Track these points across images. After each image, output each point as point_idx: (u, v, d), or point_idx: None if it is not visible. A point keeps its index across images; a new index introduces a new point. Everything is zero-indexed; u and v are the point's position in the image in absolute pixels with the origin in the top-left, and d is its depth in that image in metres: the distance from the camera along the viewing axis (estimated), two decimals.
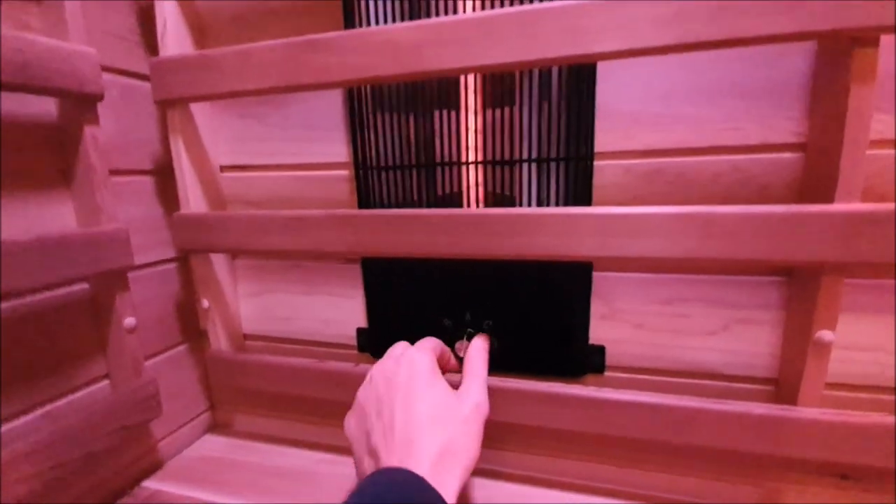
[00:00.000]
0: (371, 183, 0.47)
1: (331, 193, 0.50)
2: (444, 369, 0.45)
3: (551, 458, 0.49)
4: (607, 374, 0.46)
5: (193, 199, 0.51)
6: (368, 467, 0.33)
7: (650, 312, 0.43)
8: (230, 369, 0.54)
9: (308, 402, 0.53)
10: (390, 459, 0.31)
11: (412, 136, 0.45)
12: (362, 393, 0.38)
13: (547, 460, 0.49)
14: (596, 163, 0.41)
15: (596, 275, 0.44)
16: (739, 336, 0.41)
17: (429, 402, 0.34)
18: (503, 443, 0.50)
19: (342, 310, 0.53)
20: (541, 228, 0.38)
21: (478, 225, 0.40)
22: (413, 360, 0.37)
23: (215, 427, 0.62)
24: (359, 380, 0.40)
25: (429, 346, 0.39)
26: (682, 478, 0.45)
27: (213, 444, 0.59)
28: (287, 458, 0.55)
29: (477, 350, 0.42)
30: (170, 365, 0.56)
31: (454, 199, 0.45)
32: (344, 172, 0.49)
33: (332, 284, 0.53)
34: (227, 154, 0.53)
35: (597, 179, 0.41)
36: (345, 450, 0.42)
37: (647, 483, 0.46)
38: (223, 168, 0.54)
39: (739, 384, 0.42)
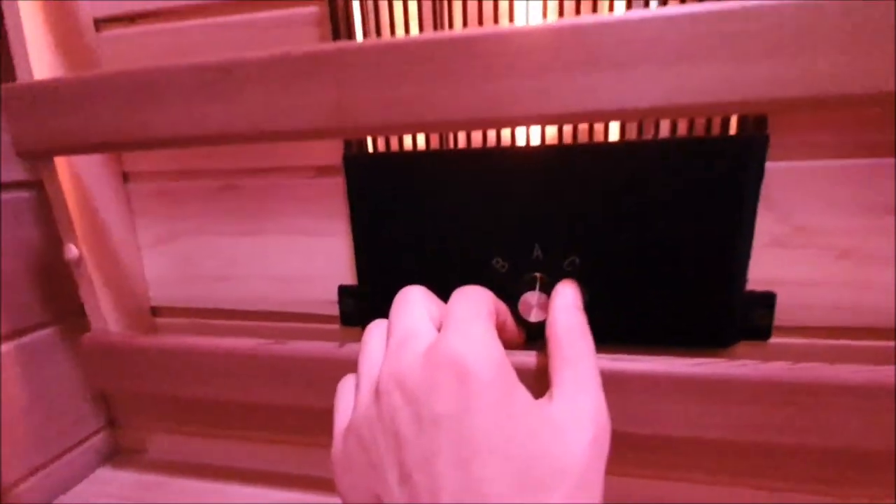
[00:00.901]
0: (359, 10, 0.26)
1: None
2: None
3: (674, 483, 0.30)
4: (773, 339, 0.27)
5: (40, 69, 0.29)
6: None
7: (865, 229, 0.25)
8: (130, 364, 0.32)
9: (261, 410, 0.35)
10: None
11: None
12: (363, 420, 0.18)
13: (668, 486, 0.31)
14: None
15: (769, 166, 0.25)
16: None
17: (508, 441, 0.16)
18: None
19: (312, 258, 0.32)
20: (707, 44, 0.19)
21: (573, 48, 0.20)
22: (463, 356, 0.17)
23: (117, 455, 0.40)
24: (344, 369, 0.21)
25: (484, 311, 0.20)
26: None
27: (113, 484, 0.38)
28: (235, 501, 0.35)
29: (570, 316, 0.22)
30: (25, 359, 0.34)
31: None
32: (308, 8, 0.28)
33: (293, 215, 0.32)
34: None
35: None
36: (323, 483, 0.30)
37: None
38: (99, 23, 0.32)
39: None
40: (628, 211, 0.26)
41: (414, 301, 0.21)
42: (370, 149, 0.29)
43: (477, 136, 0.27)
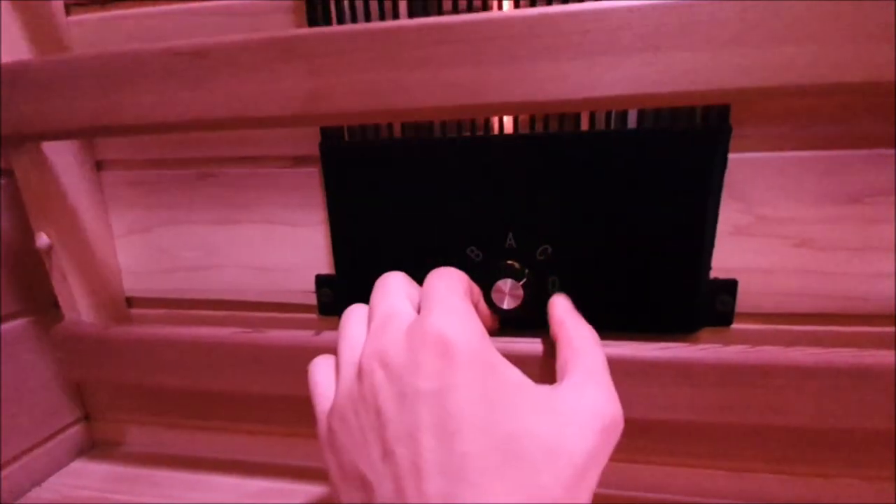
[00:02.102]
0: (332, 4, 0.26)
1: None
2: None
3: (641, 465, 0.31)
4: (735, 326, 0.28)
5: (8, 52, 0.28)
6: None
7: (823, 219, 0.26)
8: (103, 354, 0.32)
9: (238, 400, 0.35)
10: None
11: None
12: (346, 400, 0.18)
13: (636, 468, 0.31)
14: None
15: (732, 157, 0.26)
16: None
17: (489, 416, 0.16)
18: None
19: (289, 246, 0.32)
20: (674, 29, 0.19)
21: (543, 36, 0.20)
22: (445, 331, 0.17)
23: (93, 448, 0.40)
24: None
25: (460, 289, 0.20)
26: (867, 482, 0.29)
27: (89, 476, 0.38)
28: (213, 492, 0.34)
29: (574, 316, 0.23)
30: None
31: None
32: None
33: (269, 203, 0.32)
34: None
35: None
36: (307, 472, 0.31)
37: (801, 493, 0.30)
38: (70, 6, 0.31)
39: None
40: (598, 200, 0.27)
41: (394, 285, 0.21)
42: (347, 138, 0.29)
43: (453, 126, 0.27)
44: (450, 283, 0.20)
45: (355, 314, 0.21)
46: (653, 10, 0.19)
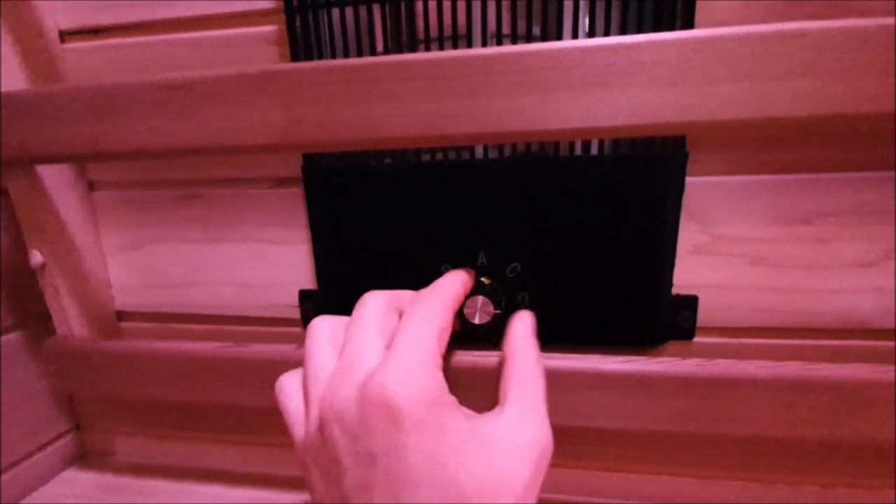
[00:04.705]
0: (313, 31, 0.28)
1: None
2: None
3: (612, 474, 0.33)
4: (697, 339, 0.30)
5: (4, 80, 0.30)
6: None
7: (776, 238, 0.27)
8: (94, 367, 0.33)
9: (224, 411, 0.35)
10: None
11: None
12: (313, 442, 0.19)
13: (605, 476, 0.33)
14: None
15: (690, 181, 0.27)
16: None
17: (440, 472, 0.17)
18: None
19: (273, 264, 0.34)
20: (618, 71, 0.21)
21: (502, 73, 0.22)
22: (394, 396, 0.17)
23: (84, 457, 0.41)
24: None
25: (433, 330, 0.20)
26: (829, 490, 0.30)
27: (79, 485, 0.39)
28: (199, 501, 0.36)
29: (527, 343, 0.23)
30: None
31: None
32: (269, 28, 0.30)
33: (255, 223, 0.33)
34: (70, 12, 0.32)
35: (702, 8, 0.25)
36: (290, 481, 0.32)
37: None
38: (65, 35, 0.33)
39: None
40: (565, 221, 0.28)
41: (370, 315, 0.21)
42: (327, 161, 0.31)
43: (427, 149, 0.29)
44: (426, 317, 0.20)
45: (321, 333, 0.22)
46: (601, 51, 0.20)
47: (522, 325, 0.24)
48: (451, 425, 0.18)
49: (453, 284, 0.23)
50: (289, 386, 0.22)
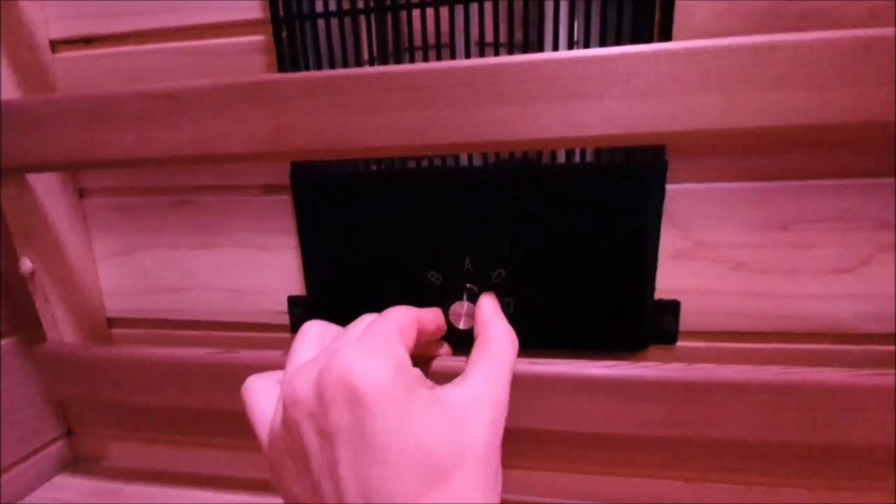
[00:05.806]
0: (299, 41, 0.28)
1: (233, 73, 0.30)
2: (431, 352, 0.27)
3: (595, 477, 0.33)
4: (680, 343, 0.30)
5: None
6: None
7: (756, 244, 0.28)
8: (85, 373, 0.34)
9: (214, 416, 0.35)
10: None
11: None
12: (276, 434, 0.20)
13: (593, 479, 0.33)
14: None
15: (671, 188, 0.28)
16: (884, 274, 0.27)
17: (405, 440, 0.17)
18: (518, 458, 0.33)
19: (263, 270, 0.34)
20: (595, 81, 0.21)
21: (483, 84, 0.22)
22: (349, 371, 0.18)
23: (76, 462, 0.41)
24: None
25: (392, 325, 0.21)
26: (812, 492, 0.30)
27: (72, 490, 0.39)
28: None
29: (499, 321, 0.25)
30: None
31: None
32: (256, 38, 0.30)
33: (244, 229, 0.34)
34: (61, 22, 0.32)
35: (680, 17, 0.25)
36: None
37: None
38: (55, 44, 0.33)
39: (882, 346, 0.28)
40: (549, 228, 0.28)
41: (358, 324, 0.22)
42: (316, 168, 0.31)
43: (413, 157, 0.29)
44: (386, 316, 0.21)
45: (308, 334, 0.22)
46: (576, 63, 0.21)
47: (489, 306, 0.26)
48: (417, 394, 0.18)
49: (425, 309, 0.24)
50: (255, 386, 0.22)
